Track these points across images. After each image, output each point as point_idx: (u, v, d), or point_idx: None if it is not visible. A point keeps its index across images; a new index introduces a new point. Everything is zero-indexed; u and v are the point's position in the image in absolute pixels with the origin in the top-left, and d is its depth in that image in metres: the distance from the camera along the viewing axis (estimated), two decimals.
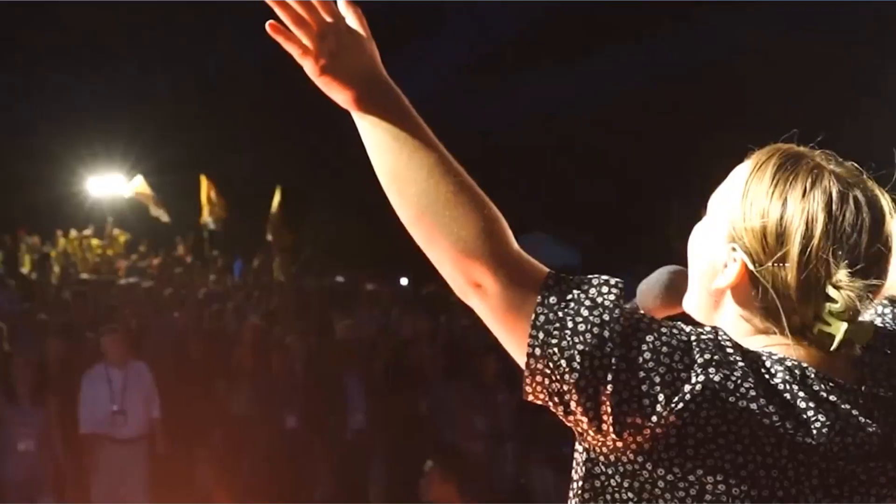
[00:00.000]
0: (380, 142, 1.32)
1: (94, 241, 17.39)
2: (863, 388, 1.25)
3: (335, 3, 1.34)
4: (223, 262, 15.92)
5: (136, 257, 15.91)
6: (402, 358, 8.45)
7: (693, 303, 1.39)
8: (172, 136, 18.72)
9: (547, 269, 1.27)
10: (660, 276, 1.59)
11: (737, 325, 1.29)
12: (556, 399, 1.21)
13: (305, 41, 1.31)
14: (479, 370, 8.17)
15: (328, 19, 1.32)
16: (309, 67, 1.33)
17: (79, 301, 9.76)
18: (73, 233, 17.13)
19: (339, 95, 1.34)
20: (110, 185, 20.77)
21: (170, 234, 17.05)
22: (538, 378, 1.21)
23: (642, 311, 1.26)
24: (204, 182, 16.12)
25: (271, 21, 1.31)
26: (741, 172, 1.32)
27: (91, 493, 6.62)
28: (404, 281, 19.34)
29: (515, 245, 1.28)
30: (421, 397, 8.10)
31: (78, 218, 18.57)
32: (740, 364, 1.18)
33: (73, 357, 7.59)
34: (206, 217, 15.87)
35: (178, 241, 16.93)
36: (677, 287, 1.55)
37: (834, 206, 1.22)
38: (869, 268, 1.23)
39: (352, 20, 1.36)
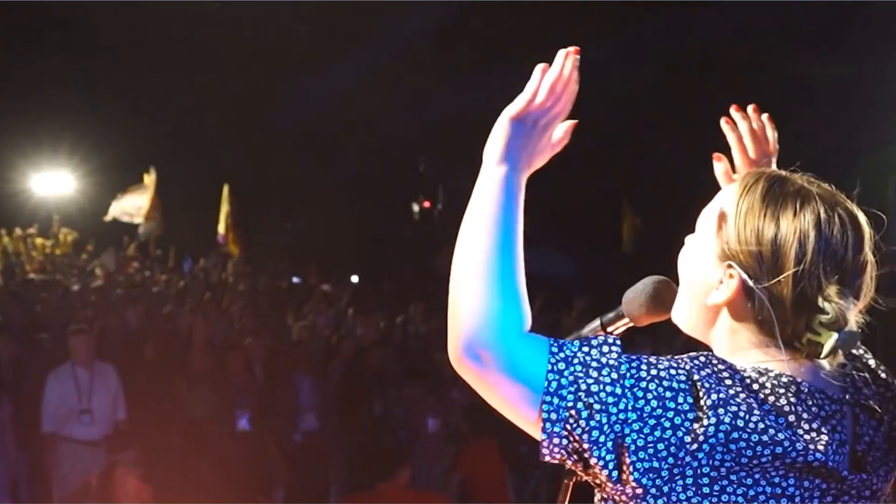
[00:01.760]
0: (480, 198, 1.42)
1: (39, 240, 17.06)
2: (847, 396, 1.35)
3: (571, 108, 1.46)
4: (174, 261, 15.73)
5: (87, 257, 15.64)
6: (358, 359, 8.49)
7: (685, 318, 1.47)
8: (120, 133, 18.38)
9: (546, 339, 1.35)
10: (645, 285, 1.66)
11: (730, 340, 1.38)
12: (574, 457, 1.30)
13: (543, 101, 1.43)
14: (434, 370, 8.25)
15: (564, 105, 1.45)
16: (517, 107, 1.44)
17: (14, 302, 9.60)
18: (18, 231, 16.78)
19: (494, 137, 1.44)
20: (56, 182, 20.37)
21: (117, 232, 16.78)
22: (556, 440, 1.29)
23: (640, 354, 1.34)
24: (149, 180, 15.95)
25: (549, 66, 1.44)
26: (730, 194, 1.40)
27: (52, 492, 6.59)
28: (355, 278, 19.31)
29: (527, 331, 1.38)
30: (376, 398, 8.15)
31: (22, 216, 18.17)
32: (742, 396, 1.27)
33: (24, 357, 7.51)
34: (142, 222, 15.64)
35: (126, 241, 16.67)
36: (662, 297, 1.63)
37: (823, 225, 1.32)
38: (853, 280, 1.34)
39: (562, 132, 1.49)
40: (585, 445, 1.27)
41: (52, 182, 20.45)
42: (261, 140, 20.09)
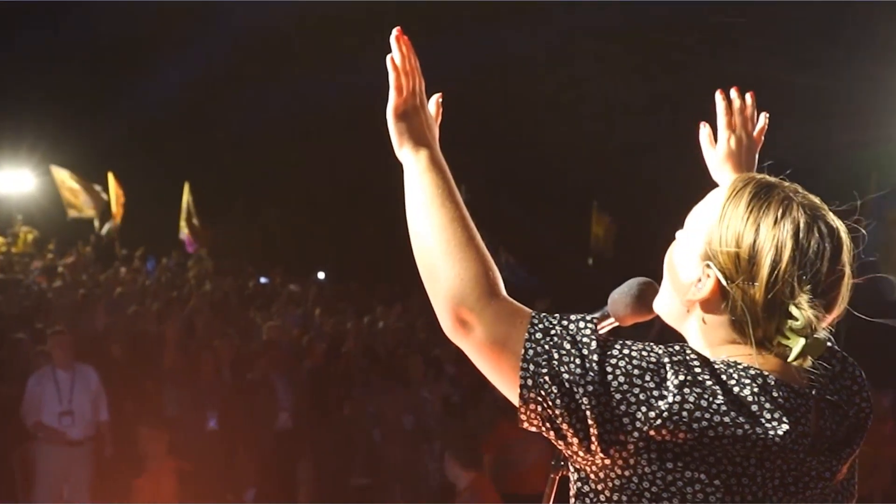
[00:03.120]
0: (417, 187, 1.54)
1: None
2: (813, 392, 1.42)
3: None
4: (139, 260, 15.60)
5: (53, 256, 15.43)
6: (328, 358, 8.48)
7: (665, 309, 1.54)
8: (81, 131, 18.18)
9: (529, 310, 1.43)
10: (629, 287, 1.72)
11: (705, 334, 1.45)
12: (548, 424, 1.37)
13: (406, 85, 1.55)
14: (404, 370, 8.26)
15: (419, 79, 1.57)
16: (394, 102, 1.56)
17: None
18: None
19: (396, 137, 1.57)
20: (16, 180, 20.08)
21: (80, 231, 16.60)
22: (531, 406, 1.37)
23: (614, 337, 1.41)
24: (111, 179, 15.85)
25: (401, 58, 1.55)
26: (718, 196, 1.47)
27: (34, 493, 6.57)
28: (321, 275, 19.24)
29: (504, 292, 1.46)
30: (346, 397, 8.15)
31: None
32: (709, 383, 1.34)
33: None
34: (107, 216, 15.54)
35: (91, 239, 16.50)
36: (646, 298, 1.69)
37: (801, 236, 1.39)
38: (828, 291, 1.40)
39: (434, 107, 1.64)
40: (557, 412, 1.34)
41: (13, 180, 20.15)
42: (224, 138, 19.96)
